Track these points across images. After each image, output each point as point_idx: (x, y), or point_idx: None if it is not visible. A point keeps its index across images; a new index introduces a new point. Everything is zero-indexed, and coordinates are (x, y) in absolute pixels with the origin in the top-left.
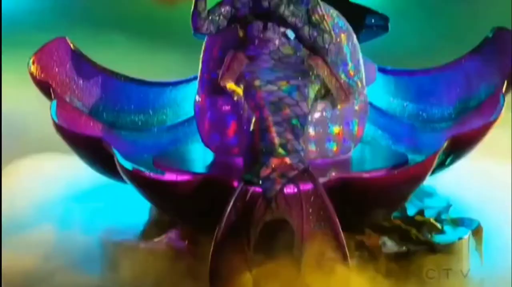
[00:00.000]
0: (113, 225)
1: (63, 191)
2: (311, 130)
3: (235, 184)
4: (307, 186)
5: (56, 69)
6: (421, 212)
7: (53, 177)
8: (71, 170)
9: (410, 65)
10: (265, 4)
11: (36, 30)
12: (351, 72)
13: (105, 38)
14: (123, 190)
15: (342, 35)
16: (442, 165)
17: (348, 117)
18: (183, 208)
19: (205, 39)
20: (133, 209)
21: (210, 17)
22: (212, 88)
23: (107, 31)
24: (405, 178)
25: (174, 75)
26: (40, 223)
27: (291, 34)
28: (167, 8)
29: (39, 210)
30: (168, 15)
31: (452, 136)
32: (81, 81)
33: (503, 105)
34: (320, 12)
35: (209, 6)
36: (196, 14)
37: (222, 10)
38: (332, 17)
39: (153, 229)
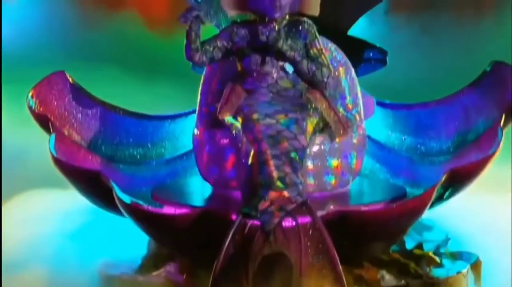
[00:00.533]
0: (111, 258)
1: (60, 225)
2: (310, 164)
3: (234, 217)
4: (306, 219)
5: (55, 103)
6: (419, 246)
7: (51, 212)
8: (68, 204)
9: (408, 99)
10: (263, 38)
11: (34, 64)
12: (350, 106)
13: (103, 71)
14: (121, 223)
15: (340, 68)
16: (440, 199)
17: (346, 150)
18: (181, 241)
19: (204, 73)
20: (131, 242)
21: (203, 48)
22: (210, 121)
23: (105, 65)
24: (404, 211)
25: (172, 108)
26: (36, 260)
27: (289, 68)
28: (165, 41)
29: (35, 247)
30: (166, 48)
31: (450, 170)
32: (79, 115)
33: (501, 139)
34: (318, 46)
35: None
36: (187, 44)
37: (218, 42)
38: (330, 50)
39: (151, 262)
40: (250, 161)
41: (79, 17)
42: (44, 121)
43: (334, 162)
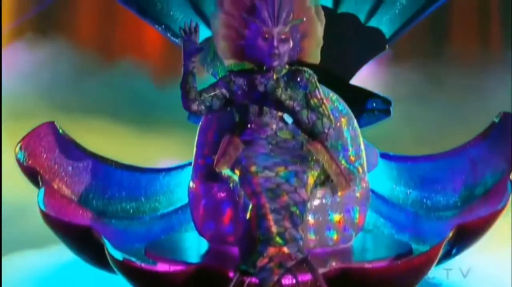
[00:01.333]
0: None
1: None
2: (310, 218)
3: (231, 274)
4: (306, 277)
5: (44, 155)
6: None
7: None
8: (58, 263)
9: (413, 151)
10: (261, 87)
11: (24, 115)
12: (352, 158)
13: (95, 122)
14: (114, 282)
15: (342, 119)
16: (447, 255)
17: (349, 204)
18: None
19: (200, 123)
20: None
21: (201, 97)
22: (206, 174)
23: (96, 115)
24: (409, 269)
25: (167, 160)
26: None
27: (288, 118)
28: (159, 91)
29: None
30: (160, 99)
31: (458, 225)
32: (70, 168)
33: (511, 192)
34: (319, 96)
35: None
36: (184, 93)
37: (216, 91)
38: (331, 100)
39: None
40: (248, 215)
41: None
42: (33, 175)
43: (336, 217)
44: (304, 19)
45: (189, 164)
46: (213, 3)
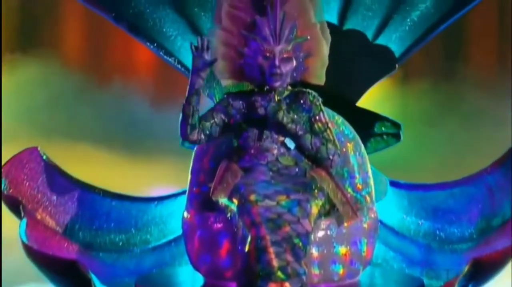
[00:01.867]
0: None
1: None
2: (314, 251)
3: None
4: None
5: (27, 183)
6: None
7: None
8: None
9: (425, 178)
10: (261, 110)
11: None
12: (359, 186)
13: (81, 148)
14: None
15: (349, 144)
16: None
17: (356, 236)
18: None
19: (195, 149)
20: None
21: (201, 125)
22: (202, 203)
23: (83, 141)
24: None
25: (159, 189)
26: None
27: (290, 143)
28: (151, 115)
29: None
30: (151, 122)
31: (474, 259)
32: (54, 197)
33: None
34: (324, 119)
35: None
36: (184, 120)
37: (215, 117)
38: (337, 124)
39: None
40: (247, 248)
41: (58, 86)
42: (14, 204)
43: (342, 249)
44: (308, 37)
45: (183, 192)
46: (210, 19)
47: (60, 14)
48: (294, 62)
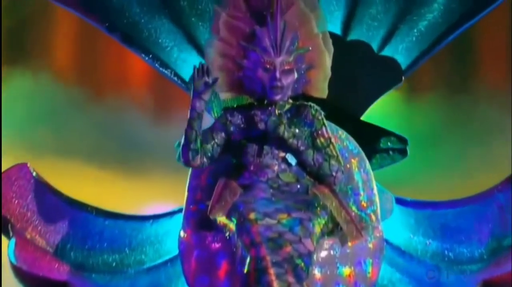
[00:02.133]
0: None
1: None
2: (317, 272)
3: None
4: None
5: (16, 201)
6: None
7: None
8: None
9: (433, 196)
10: (261, 125)
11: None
12: (364, 204)
13: (73, 164)
14: None
15: (353, 160)
16: None
17: (360, 256)
18: None
19: None
20: None
21: (202, 148)
22: (199, 222)
23: (75, 157)
24: None
25: (154, 206)
26: None
27: (292, 159)
28: (147, 130)
29: None
30: (146, 137)
31: (484, 280)
32: (45, 215)
33: None
34: (326, 134)
35: None
36: (186, 145)
37: (215, 137)
38: (340, 139)
39: None
40: (246, 268)
41: (49, 100)
42: (2, 223)
43: (346, 270)
44: (310, 48)
45: (180, 210)
46: (207, 29)
47: (51, 25)
48: (296, 75)
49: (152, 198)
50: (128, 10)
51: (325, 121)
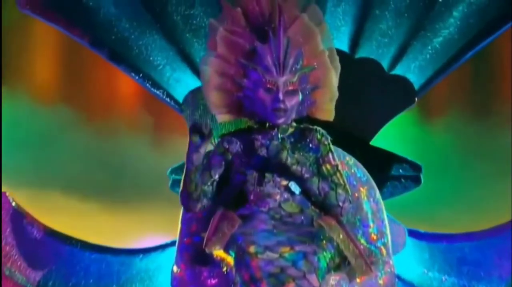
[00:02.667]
0: None
1: None
2: None
3: None
4: None
5: None
6: None
7: None
8: None
9: (449, 228)
10: (262, 150)
11: None
12: (373, 236)
13: (55, 193)
14: None
15: (362, 189)
16: None
17: None
18: None
19: None
20: None
21: (202, 192)
22: (194, 256)
23: (58, 186)
24: None
25: (145, 239)
26: None
27: (295, 187)
28: (139, 155)
29: None
30: (136, 165)
31: None
32: (25, 249)
33: None
34: (333, 161)
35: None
36: (187, 194)
37: (213, 175)
38: (348, 165)
39: None
40: None
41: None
42: None
43: None
44: (316, 66)
45: (173, 243)
46: (203, 46)
47: (30, 42)
48: (300, 96)
49: (142, 230)
50: (116, 25)
51: (331, 146)
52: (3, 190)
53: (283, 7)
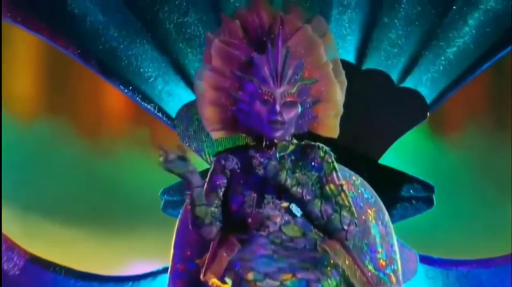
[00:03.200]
0: None
1: None
2: None
3: None
4: None
5: None
6: None
7: None
8: None
9: (464, 253)
10: (260, 170)
11: None
12: (382, 262)
13: (35, 217)
14: None
15: (369, 211)
16: None
17: None
18: None
19: (179, 216)
20: None
21: (212, 213)
22: (188, 283)
23: (38, 209)
24: None
25: (134, 266)
26: None
27: (297, 210)
28: (122, 172)
29: None
30: (124, 184)
31: None
32: (5, 276)
33: None
34: (337, 181)
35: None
36: (199, 224)
37: (219, 194)
38: (354, 186)
39: None
40: None
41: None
42: None
43: None
44: (318, 78)
45: (165, 270)
46: (197, 56)
47: (8, 51)
48: (299, 108)
49: (132, 255)
50: (104, 34)
51: (335, 164)
52: None
53: (285, 19)
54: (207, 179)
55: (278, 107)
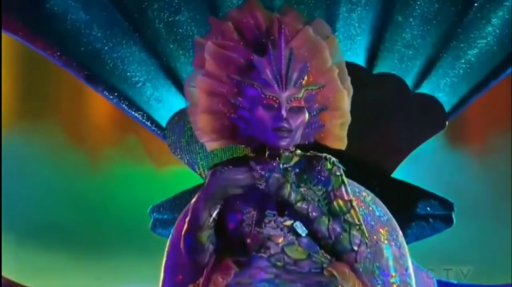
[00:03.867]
0: None
1: None
2: None
3: None
4: None
5: None
6: None
7: None
8: None
9: (487, 278)
10: (261, 184)
11: None
12: None
13: (12, 240)
14: None
15: (381, 230)
16: None
17: None
18: None
19: (170, 237)
20: None
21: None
22: None
23: (16, 229)
24: None
25: None
26: None
27: (301, 229)
28: (107, 192)
29: None
30: (110, 202)
31: None
32: None
33: None
34: (346, 196)
35: None
36: (198, 246)
37: (213, 213)
38: (365, 202)
39: None
40: None
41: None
42: None
43: None
44: (324, 84)
45: None
46: (190, 59)
47: None
48: (307, 115)
49: (118, 280)
50: (86, 34)
51: (344, 178)
52: None
53: (284, 20)
54: None
55: (284, 113)
